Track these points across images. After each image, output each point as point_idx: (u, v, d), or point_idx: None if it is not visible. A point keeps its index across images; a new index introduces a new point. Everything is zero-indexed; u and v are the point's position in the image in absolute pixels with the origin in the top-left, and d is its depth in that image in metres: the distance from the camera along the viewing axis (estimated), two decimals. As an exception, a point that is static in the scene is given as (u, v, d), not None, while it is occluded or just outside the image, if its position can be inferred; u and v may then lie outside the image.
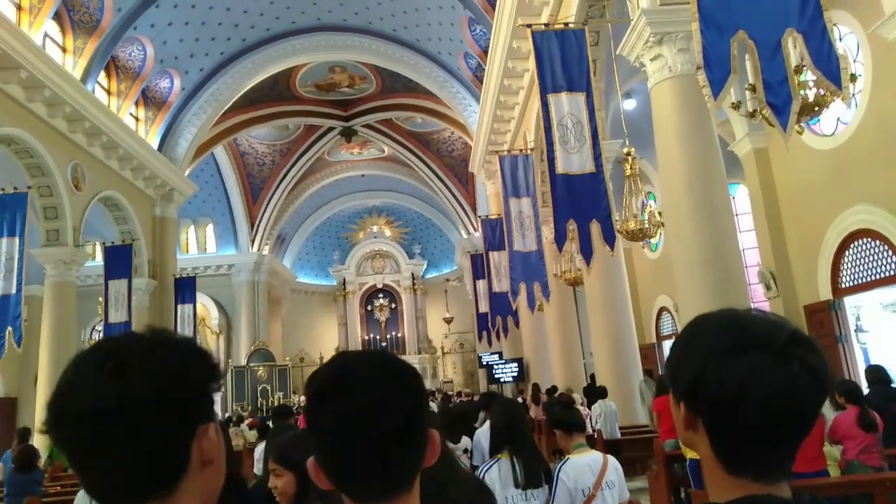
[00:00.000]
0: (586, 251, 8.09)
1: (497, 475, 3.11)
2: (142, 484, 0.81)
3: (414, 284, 29.74)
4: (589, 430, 8.46)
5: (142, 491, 0.81)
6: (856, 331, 10.28)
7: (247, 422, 14.60)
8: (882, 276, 9.43)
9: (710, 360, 0.89)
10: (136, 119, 17.11)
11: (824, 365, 0.89)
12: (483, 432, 5.66)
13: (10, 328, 10.98)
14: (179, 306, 17.78)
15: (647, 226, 8.85)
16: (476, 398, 16.31)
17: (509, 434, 3.24)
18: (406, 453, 0.93)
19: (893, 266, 9.18)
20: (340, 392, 0.93)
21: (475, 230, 23.43)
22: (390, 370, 0.96)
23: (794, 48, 4.04)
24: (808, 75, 4.40)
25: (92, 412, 0.79)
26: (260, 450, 5.92)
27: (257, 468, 6.13)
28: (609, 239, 7.82)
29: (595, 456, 3.32)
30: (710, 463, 0.91)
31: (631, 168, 8.87)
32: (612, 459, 3.33)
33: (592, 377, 12.24)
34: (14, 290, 11.10)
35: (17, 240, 11.33)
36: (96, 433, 0.79)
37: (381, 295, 30.41)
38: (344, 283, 29.87)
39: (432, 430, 0.97)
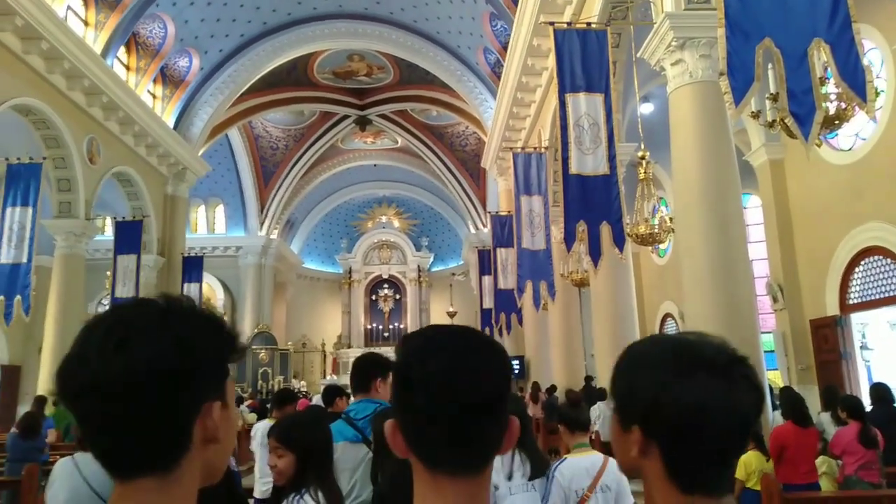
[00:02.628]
0: (595, 253, 8.07)
1: (500, 465, 3.12)
2: (141, 458, 0.81)
3: (419, 277, 29.76)
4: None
5: (141, 465, 0.81)
6: (861, 348, 10.23)
7: (246, 403, 14.69)
8: (891, 294, 9.39)
9: (664, 383, 0.93)
10: (154, 96, 17.17)
11: (760, 377, 0.97)
12: None
13: (18, 297, 11.08)
14: (186, 285, 17.88)
15: (657, 231, 8.82)
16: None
17: None
18: (491, 429, 0.90)
19: (903, 285, 9.13)
20: (440, 354, 0.90)
21: (484, 226, 23.41)
22: (487, 344, 0.95)
23: (818, 59, 4.02)
24: (830, 88, 4.37)
25: (93, 386, 0.78)
26: (258, 427, 5.98)
27: (253, 446, 6.21)
28: (619, 242, 7.80)
29: (594, 458, 3.27)
30: (662, 486, 0.94)
31: (645, 172, 8.84)
32: (613, 463, 3.24)
33: (587, 378, 12.22)
34: (25, 260, 11.19)
35: (29, 209, 11.43)
36: (97, 406, 0.79)
37: (386, 285, 30.44)
38: (350, 272, 29.92)
39: (513, 416, 0.94)
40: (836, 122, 4.34)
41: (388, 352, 2.21)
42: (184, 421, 0.82)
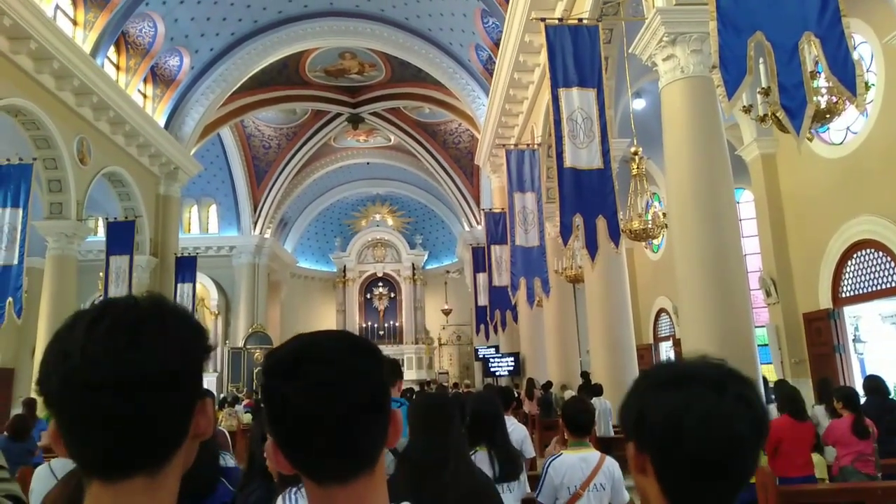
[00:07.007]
0: (591, 246, 8.08)
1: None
2: (139, 456, 0.79)
3: (414, 275, 29.75)
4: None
5: (136, 463, 0.79)
6: (854, 341, 10.28)
7: (243, 403, 14.66)
8: (883, 287, 9.44)
9: (652, 393, 0.94)
10: (144, 96, 17.07)
11: (760, 399, 0.94)
12: None
13: (10, 299, 10.99)
14: (179, 285, 17.81)
15: (650, 226, 8.84)
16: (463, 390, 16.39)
17: (484, 427, 3.19)
18: (370, 431, 0.90)
19: (895, 277, 9.18)
20: (305, 365, 0.89)
21: (478, 223, 23.41)
22: (354, 345, 0.93)
23: (809, 53, 4.02)
24: (822, 82, 4.38)
25: (103, 384, 0.76)
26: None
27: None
28: (614, 236, 7.82)
29: (590, 455, 3.26)
30: None
31: (638, 167, 8.86)
32: (609, 462, 3.26)
33: (584, 374, 12.24)
34: (16, 262, 11.11)
35: (20, 211, 11.33)
36: (104, 405, 0.76)
37: (380, 284, 30.40)
38: (344, 271, 29.87)
39: (395, 410, 0.94)
40: (827, 115, 4.35)
41: (385, 351, 2.19)
42: (185, 418, 0.83)
